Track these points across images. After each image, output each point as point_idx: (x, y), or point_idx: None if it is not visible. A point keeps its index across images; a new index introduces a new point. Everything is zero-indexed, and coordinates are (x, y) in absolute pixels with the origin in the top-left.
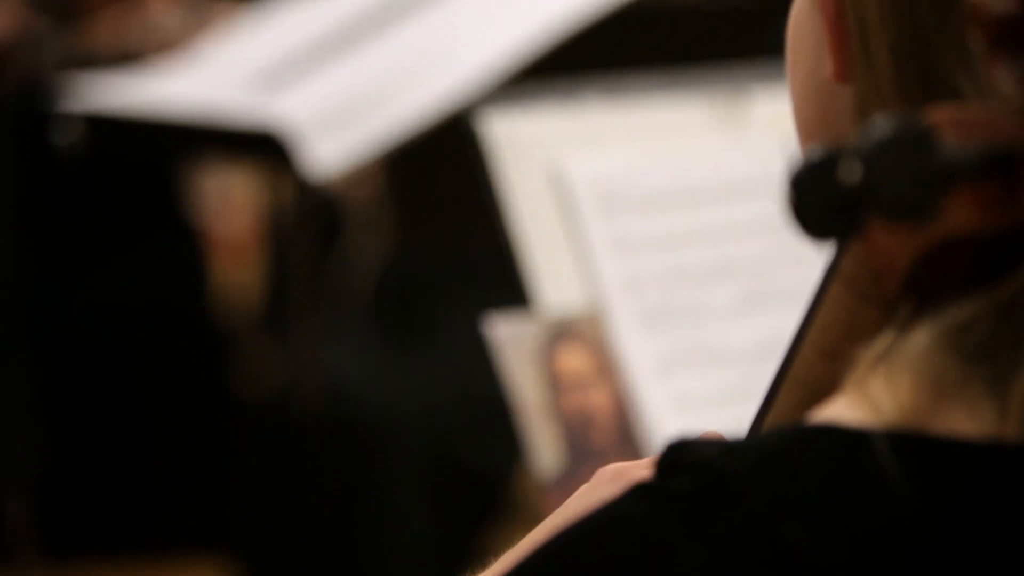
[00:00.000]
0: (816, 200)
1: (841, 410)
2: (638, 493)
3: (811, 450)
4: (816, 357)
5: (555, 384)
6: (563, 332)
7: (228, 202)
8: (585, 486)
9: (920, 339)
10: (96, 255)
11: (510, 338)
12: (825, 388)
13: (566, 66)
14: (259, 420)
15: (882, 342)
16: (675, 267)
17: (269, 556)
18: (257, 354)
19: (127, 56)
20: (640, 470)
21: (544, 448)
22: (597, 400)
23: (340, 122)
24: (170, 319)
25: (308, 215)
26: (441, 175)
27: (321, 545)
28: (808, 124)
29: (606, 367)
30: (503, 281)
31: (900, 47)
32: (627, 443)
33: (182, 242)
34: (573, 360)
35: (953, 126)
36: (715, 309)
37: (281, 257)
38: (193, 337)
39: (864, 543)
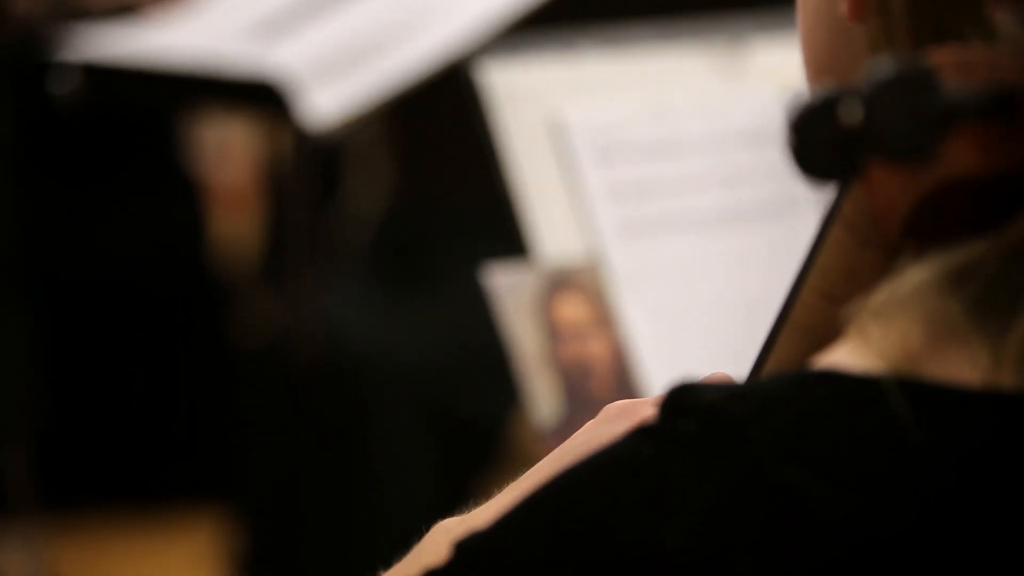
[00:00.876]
0: (816, 142)
1: (843, 356)
2: (643, 435)
3: (814, 396)
4: (816, 301)
5: (553, 333)
6: (561, 281)
7: (226, 152)
8: (591, 422)
9: (920, 283)
10: (94, 205)
11: (508, 287)
12: (825, 333)
13: (565, 16)
14: (257, 369)
15: (885, 290)
16: (673, 217)
17: (268, 505)
18: (255, 303)
19: (125, 5)
20: (646, 407)
21: (542, 397)
22: (595, 349)
23: (339, 71)
24: (168, 269)
25: (306, 165)
26: (440, 125)
27: (319, 494)
28: (817, 61)
29: (604, 317)
30: (501, 230)
31: None
32: (625, 392)
33: (180, 192)
34: (571, 310)
35: (954, 68)
36: (713, 258)
37: (279, 207)
38: (191, 287)
39: (866, 488)
